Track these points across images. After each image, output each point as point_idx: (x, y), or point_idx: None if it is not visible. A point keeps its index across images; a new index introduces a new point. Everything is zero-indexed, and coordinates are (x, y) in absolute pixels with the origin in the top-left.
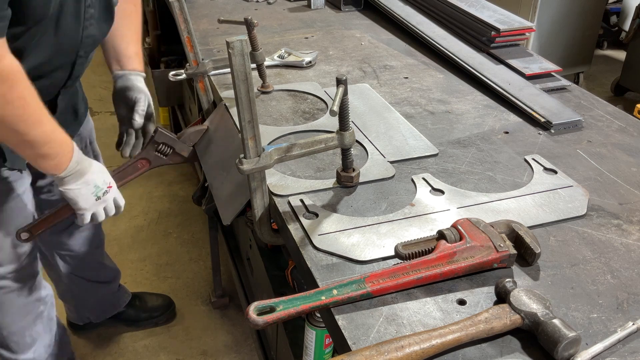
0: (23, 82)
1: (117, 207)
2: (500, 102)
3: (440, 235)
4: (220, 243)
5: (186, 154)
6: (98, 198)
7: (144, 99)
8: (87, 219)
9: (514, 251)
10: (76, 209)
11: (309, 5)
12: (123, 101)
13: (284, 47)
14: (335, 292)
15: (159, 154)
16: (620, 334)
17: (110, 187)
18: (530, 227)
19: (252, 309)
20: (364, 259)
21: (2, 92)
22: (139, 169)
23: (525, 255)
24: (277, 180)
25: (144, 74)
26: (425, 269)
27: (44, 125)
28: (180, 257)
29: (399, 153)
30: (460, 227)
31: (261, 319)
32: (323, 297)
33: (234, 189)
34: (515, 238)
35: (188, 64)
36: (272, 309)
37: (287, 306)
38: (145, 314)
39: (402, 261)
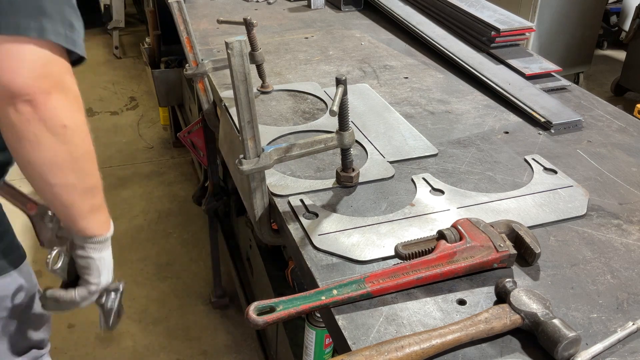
0: None
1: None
2: (500, 102)
3: (440, 235)
4: (220, 243)
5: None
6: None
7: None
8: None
9: (514, 251)
10: (90, 283)
11: (309, 5)
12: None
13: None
14: (335, 292)
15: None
16: (620, 334)
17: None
18: (530, 227)
19: (252, 309)
20: (364, 259)
21: (83, 121)
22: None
23: (525, 255)
24: (277, 180)
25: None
26: (425, 269)
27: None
28: (180, 257)
29: (398, 153)
30: (460, 227)
31: (261, 319)
32: (323, 297)
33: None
34: (515, 238)
35: (187, 65)
36: (272, 309)
37: (287, 306)
38: None
39: (402, 261)
